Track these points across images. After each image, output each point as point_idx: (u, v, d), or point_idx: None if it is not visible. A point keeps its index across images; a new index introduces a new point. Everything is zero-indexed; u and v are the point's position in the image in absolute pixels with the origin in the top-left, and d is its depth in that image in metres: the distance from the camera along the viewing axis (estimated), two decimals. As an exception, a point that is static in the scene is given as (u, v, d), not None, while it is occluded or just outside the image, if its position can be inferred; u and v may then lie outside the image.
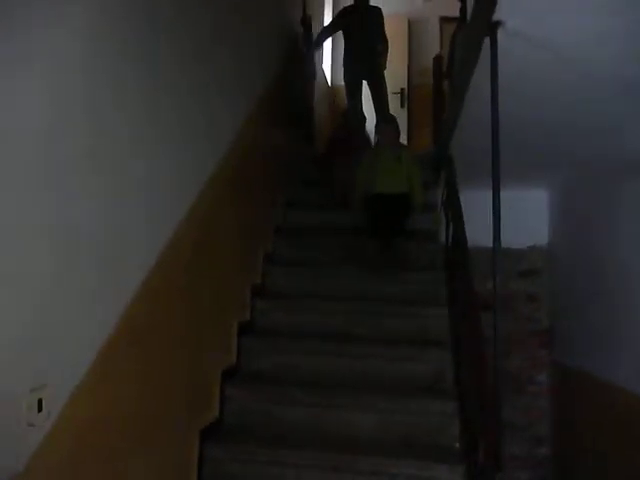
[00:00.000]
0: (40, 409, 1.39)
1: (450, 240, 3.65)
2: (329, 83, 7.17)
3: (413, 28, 7.20)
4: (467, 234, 3.18)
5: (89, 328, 1.63)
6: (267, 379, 2.96)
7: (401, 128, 6.97)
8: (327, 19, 7.13)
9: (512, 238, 4.02)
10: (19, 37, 1.29)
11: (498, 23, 2.07)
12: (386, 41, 5.23)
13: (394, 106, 7.05)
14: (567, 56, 2.27)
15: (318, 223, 4.06)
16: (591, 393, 4.06)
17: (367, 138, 5.01)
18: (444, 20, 6.96)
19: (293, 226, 4.02)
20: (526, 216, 4.78)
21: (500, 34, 2.12)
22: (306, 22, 4.99)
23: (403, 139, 6.99)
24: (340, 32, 5.26)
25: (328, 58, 7.23)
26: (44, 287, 1.42)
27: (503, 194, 2.49)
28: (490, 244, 2.54)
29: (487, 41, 2.23)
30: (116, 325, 1.74)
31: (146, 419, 1.99)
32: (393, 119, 3.99)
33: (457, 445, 2.58)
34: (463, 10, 4.11)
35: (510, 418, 4.67)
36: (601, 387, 3.84)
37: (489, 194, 2.51)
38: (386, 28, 5.28)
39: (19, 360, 1.34)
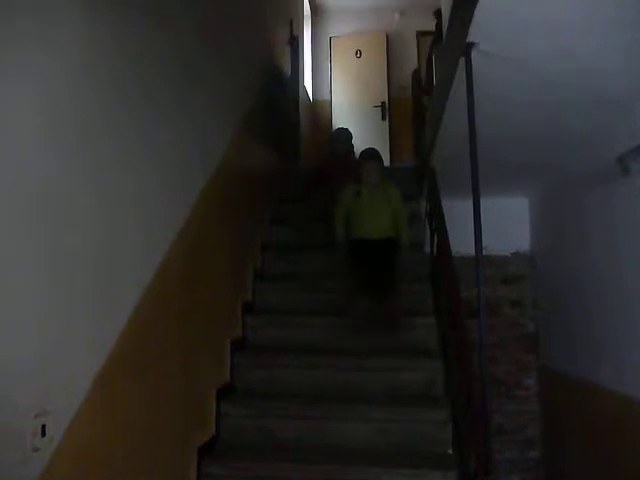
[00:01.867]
0: (44, 434, 1.43)
1: (435, 250, 3.74)
2: (310, 99, 7.28)
3: (391, 43, 7.35)
4: (451, 243, 3.27)
5: (87, 355, 1.66)
6: (261, 394, 3.00)
7: (382, 140, 7.22)
8: (307, 38, 7.27)
9: (495, 245, 4.15)
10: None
11: (472, 44, 2.17)
12: None
13: (375, 119, 7.21)
14: (538, 76, 2.38)
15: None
16: (577, 395, 4.15)
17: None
18: (421, 34, 7.12)
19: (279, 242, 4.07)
20: (509, 223, 4.89)
21: (474, 54, 2.22)
22: (293, 43, 5.12)
23: (384, 152, 7.14)
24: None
25: (309, 74, 7.34)
26: (43, 317, 1.46)
27: (485, 202, 2.58)
28: (474, 252, 2.63)
29: (462, 60, 2.33)
30: (112, 350, 1.78)
31: (145, 439, 2.02)
32: (376, 154, 3.49)
33: (450, 451, 2.64)
34: (438, 26, 4.25)
35: (500, 422, 4.75)
36: (586, 389, 3.93)
37: (471, 203, 2.60)
38: (365, 44, 5.35)
39: (23, 387, 1.38)
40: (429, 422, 2.71)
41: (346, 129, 4.44)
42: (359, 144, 7.20)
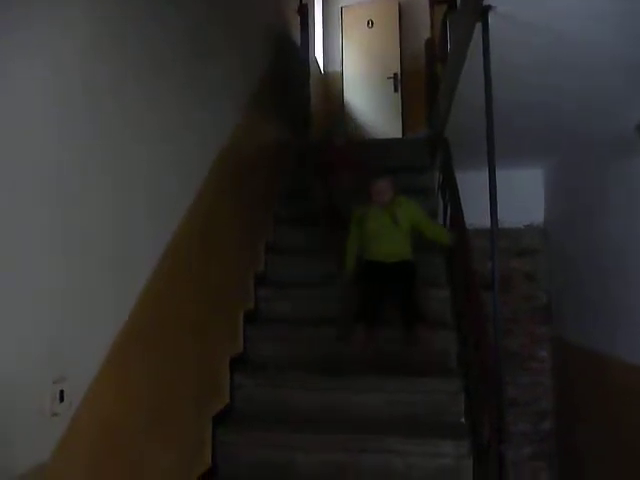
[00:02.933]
0: (62, 399, 1.45)
1: (448, 222, 3.71)
2: (321, 70, 7.18)
3: (404, 12, 7.19)
4: (464, 215, 3.24)
5: (103, 324, 1.68)
6: (274, 365, 3.02)
7: (394, 112, 7.11)
8: (317, 8, 7.14)
9: (509, 217, 4.09)
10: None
11: (488, 8, 2.11)
12: None
13: (387, 91, 7.09)
14: (557, 38, 2.31)
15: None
16: (590, 367, 4.14)
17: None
18: (434, 2, 6.94)
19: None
20: (522, 195, 4.83)
21: (491, 18, 2.16)
22: (303, 11, 5.03)
23: (397, 124, 7.04)
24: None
25: (320, 45, 7.23)
26: (61, 286, 1.47)
27: (499, 174, 2.54)
28: (488, 224, 2.59)
29: (479, 25, 2.26)
30: (127, 320, 1.80)
31: (161, 407, 2.05)
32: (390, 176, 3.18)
33: (462, 421, 2.66)
34: (453, -7, 4.13)
35: (514, 395, 4.76)
36: (600, 360, 3.92)
37: (485, 175, 2.56)
38: (377, 14, 5.23)
39: (41, 354, 1.40)
40: (442, 392, 2.72)
41: (341, 120, 4.29)
42: (371, 117, 7.19)
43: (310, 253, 3.71)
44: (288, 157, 4.49)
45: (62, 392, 1.45)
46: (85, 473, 1.57)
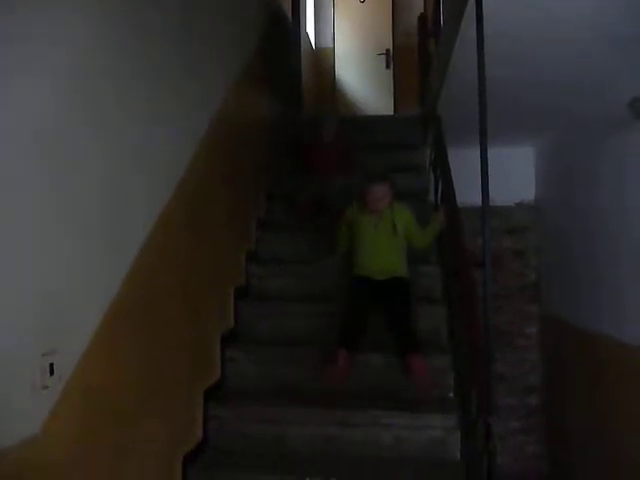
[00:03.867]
0: (52, 372, 1.45)
1: (439, 199, 3.71)
2: (313, 46, 7.09)
3: (397, -13, 7.11)
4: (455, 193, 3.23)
5: (93, 297, 1.67)
6: (265, 341, 3.03)
7: (386, 89, 7.06)
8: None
9: (499, 195, 4.09)
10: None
11: (483, -20, 2.08)
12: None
13: (379, 68, 7.04)
14: (551, 14, 2.29)
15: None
16: (578, 343, 4.20)
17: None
18: (428, -23, 6.86)
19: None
20: (513, 173, 4.84)
21: (485, -8, 2.13)
22: None
23: (389, 101, 6.99)
24: None
25: (311, 20, 7.13)
26: (52, 256, 1.46)
27: (490, 152, 2.53)
28: (478, 202, 2.59)
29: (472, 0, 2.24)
30: (118, 293, 1.79)
31: (152, 381, 2.05)
32: (385, 175, 2.88)
33: (451, 395, 2.69)
34: (447, -34, 4.08)
35: (502, 371, 4.83)
36: (587, 336, 3.98)
37: (476, 152, 2.55)
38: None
39: (29, 326, 1.39)
40: (431, 368, 2.74)
41: (334, 116, 4.13)
42: (363, 94, 7.13)
43: (302, 230, 3.70)
44: (280, 132, 4.45)
45: (52, 365, 1.45)
46: (76, 444, 1.57)
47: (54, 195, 1.47)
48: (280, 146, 4.34)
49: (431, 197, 3.92)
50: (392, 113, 6.79)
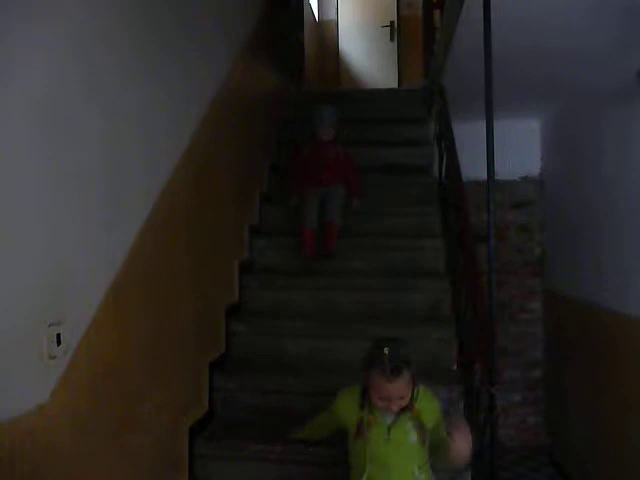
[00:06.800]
0: (59, 343, 1.46)
1: (444, 173, 3.69)
2: (316, 19, 6.99)
3: (401, -44, 6.96)
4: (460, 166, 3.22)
5: (99, 267, 1.68)
6: (269, 314, 3.05)
7: (390, 62, 6.97)
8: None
9: (504, 169, 4.07)
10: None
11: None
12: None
13: (383, 40, 6.93)
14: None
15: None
16: (580, 316, 4.21)
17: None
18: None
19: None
20: (518, 147, 4.79)
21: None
22: None
23: (393, 74, 6.90)
24: None
25: (314, -9, 7.02)
26: (56, 227, 1.46)
27: (495, 125, 2.50)
28: (483, 176, 2.57)
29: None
30: (123, 263, 1.79)
31: (157, 352, 2.07)
32: (403, 366, 1.72)
33: (454, 367, 2.71)
34: None
35: (505, 345, 4.85)
36: (589, 310, 3.99)
37: (481, 125, 2.52)
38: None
39: (36, 296, 1.39)
40: (435, 340, 2.76)
41: (333, 107, 3.37)
42: (367, 67, 7.03)
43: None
44: (284, 105, 4.41)
45: (59, 335, 1.46)
46: (84, 413, 1.59)
47: (55, 164, 1.46)
48: (284, 119, 4.30)
49: (435, 171, 3.89)
50: (397, 86, 6.71)
